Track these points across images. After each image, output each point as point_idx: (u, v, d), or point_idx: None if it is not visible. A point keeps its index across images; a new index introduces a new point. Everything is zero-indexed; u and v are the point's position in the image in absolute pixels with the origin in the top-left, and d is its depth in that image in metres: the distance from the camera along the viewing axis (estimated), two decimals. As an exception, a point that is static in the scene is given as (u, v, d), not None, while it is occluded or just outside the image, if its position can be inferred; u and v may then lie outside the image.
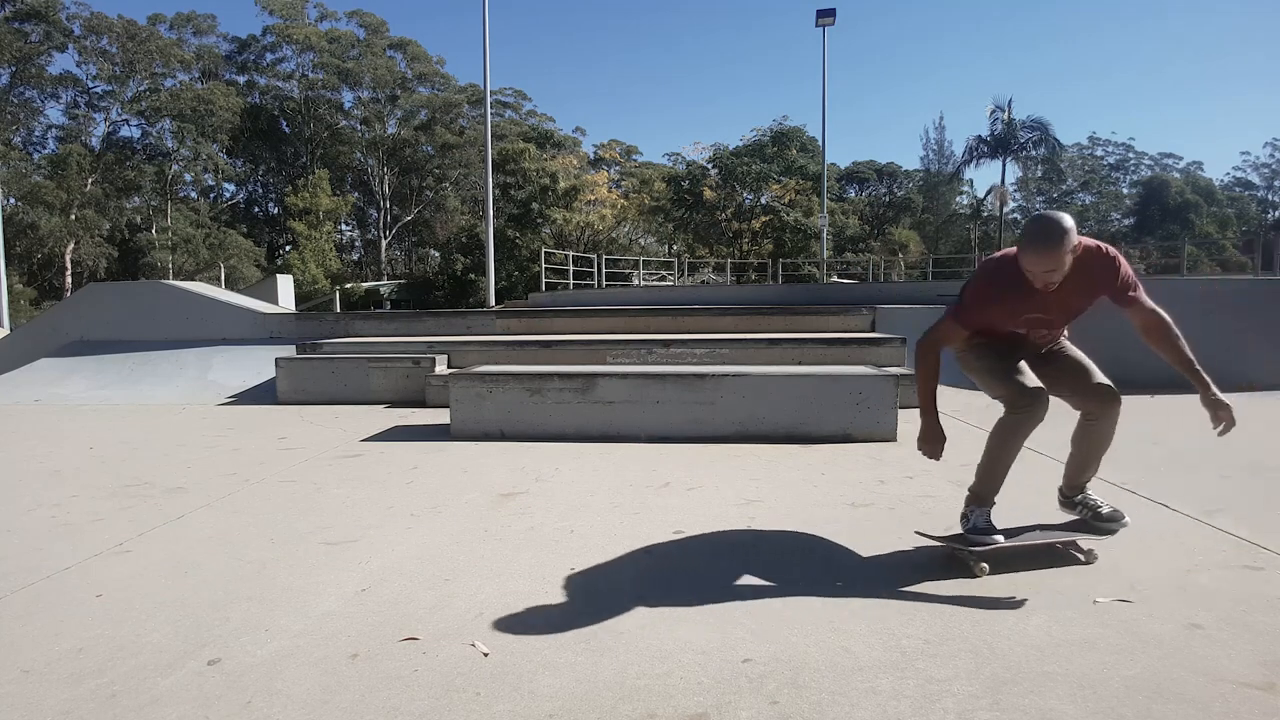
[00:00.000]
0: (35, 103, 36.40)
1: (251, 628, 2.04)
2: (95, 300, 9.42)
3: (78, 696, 1.71)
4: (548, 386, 4.74)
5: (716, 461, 3.99)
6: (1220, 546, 2.53)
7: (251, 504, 3.32)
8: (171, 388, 7.38)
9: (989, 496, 2.46)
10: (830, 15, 23.71)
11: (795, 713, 1.57)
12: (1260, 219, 50.97)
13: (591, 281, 19.66)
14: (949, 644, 1.86)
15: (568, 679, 1.73)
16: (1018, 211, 48.23)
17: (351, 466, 4.10)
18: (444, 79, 44.37)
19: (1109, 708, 1.56)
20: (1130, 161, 53.28)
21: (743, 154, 30.99)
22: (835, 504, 3.15)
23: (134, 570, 2.51)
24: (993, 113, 36.62)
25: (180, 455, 4.49)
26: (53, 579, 2.44)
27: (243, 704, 1.66)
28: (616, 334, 7.70)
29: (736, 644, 1.88)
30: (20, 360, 8.53)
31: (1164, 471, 3.61)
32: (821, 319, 8.26)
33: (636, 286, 19.64)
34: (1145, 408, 5.66)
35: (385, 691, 1.69)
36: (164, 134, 38.52)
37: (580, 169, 35.37)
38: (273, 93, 42.76)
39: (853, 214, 42.01)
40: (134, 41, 36.65)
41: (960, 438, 4.59)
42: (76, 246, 34.03)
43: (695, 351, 6.67)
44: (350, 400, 6.48)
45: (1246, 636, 1.87)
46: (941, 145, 45.40)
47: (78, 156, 33.95)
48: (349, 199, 40.66)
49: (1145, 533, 2.68)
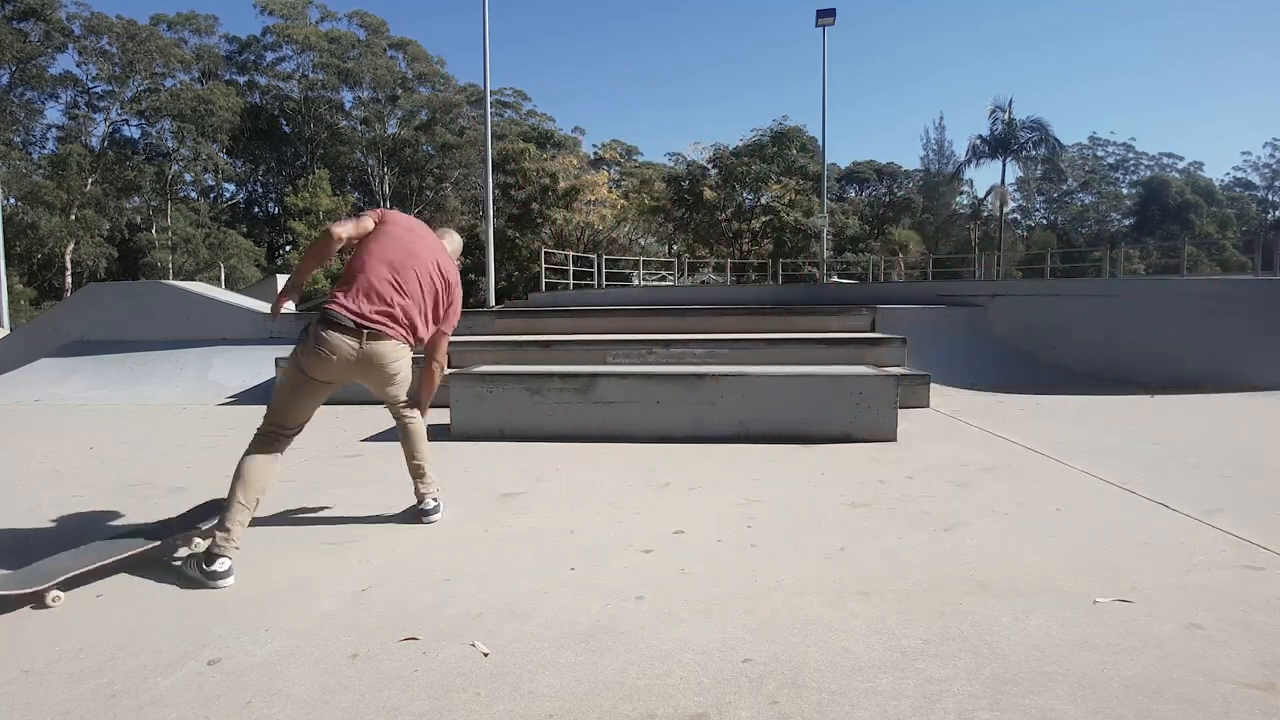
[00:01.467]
0: (35, 103, 36.41)
1: (251, 628, 2.04)
2: (95, 300, 9.41)
3: (78, 696, 1.71)
4: (548, 386, 4.74)
5: (716, 461, 3.99)
6: (1220, 546, 2.53)
7: (251, 504, 3.32)
8: (171, 388, 7.38)
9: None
10: (830, 15, 23.70)
11: (795, 713, 1.57)
12: (1260, 219, 50.97)
13: (591, 281, 19.66)
14: (949, 644, 1.86)
15: (568, 679, 1.73)
16: (1018, 211, 48.29)
17: (351, 466, 4.10)
18: (444, 79, 44.39)
19: (1109, 708, 1.56)
20: (1130, 161, 53.32)
21: (743, 154, 30.96)
22: (835, 504, 3.15)
23: (134, 570, 2.51)
24: (993, 112, 36.68)
25: (180, 455, 4.49)
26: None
27: (243, 704, 1.66)
28: (616, 334, 7.70)
29: (736, 644, 1.88)
30: (20, 360, 8.52)
31: (1164, 471, 3.61)
32: (821, 319, 8.26)
33: (636, 286, 19.65)
34: (1145, 408, 5.66)
35: (385, 691, 1.69)
36: (164, 134, 38.56)
37: (580, 169, 35.31)
38: (273, 93, 42.77)
39: (853, 214, 41.99)
40: (134, 41, 36.66)
41: (960, 437, 4.60)
42: (76, 246, 34.03)
43: (695, 351, 6.68)
44: (350, 400, 6.41)
45: (1246, 636, 1.86)
46: (941, 145, 45.42)
47: (78, 156, 33.96)
48: (349, 199, 40.64)
49: (1145, 533, 2.68)
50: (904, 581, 2.27)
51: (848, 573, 2.36)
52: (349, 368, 2.65)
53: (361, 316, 2.63)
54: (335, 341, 2.59)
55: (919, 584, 2.25)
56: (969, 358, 7.51)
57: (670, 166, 35.53)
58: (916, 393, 5.73)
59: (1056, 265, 26.74)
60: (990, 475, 3.60)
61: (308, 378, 2.62)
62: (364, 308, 2.64)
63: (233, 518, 2.43)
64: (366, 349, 2.63)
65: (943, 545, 2.60)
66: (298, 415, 2.65)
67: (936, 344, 7.47)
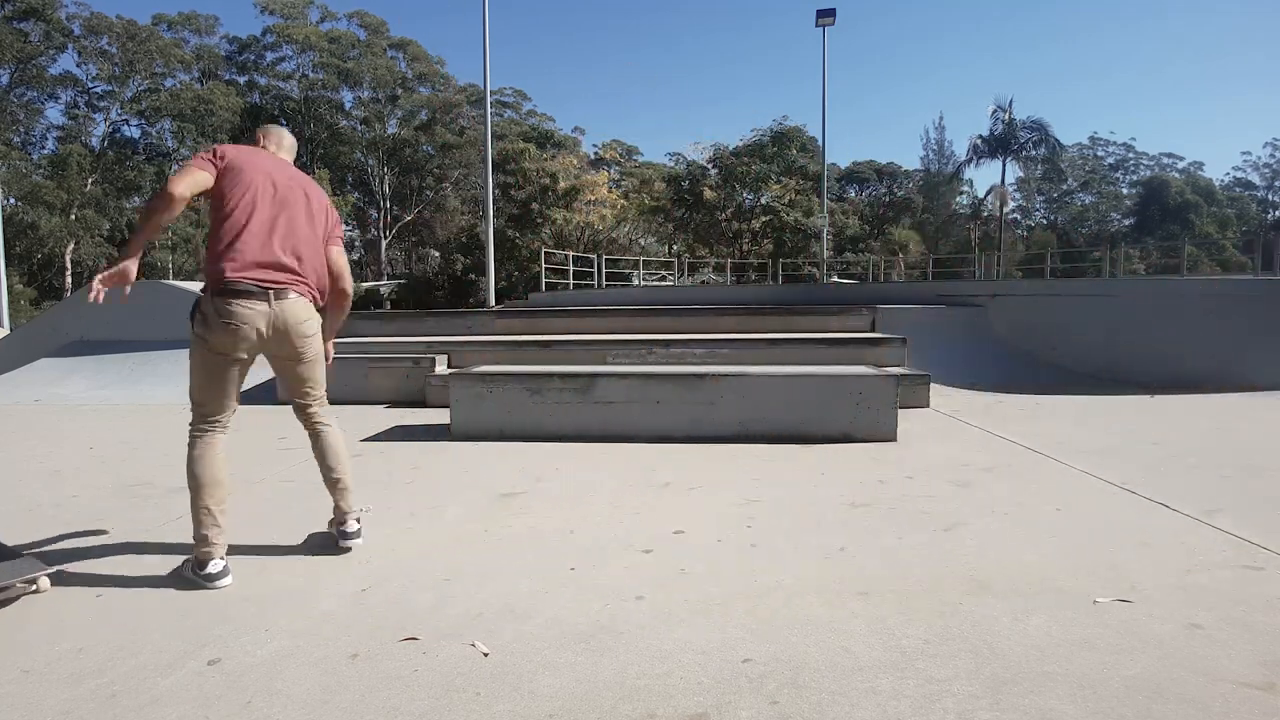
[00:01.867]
0: (35, 103, 36.40)
1: (251, 628, 2.04)
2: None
3: (78, 696, 1.71)
4: (548, 386, 4.74)
5: (716, 461, 3.99)
6: (1220, 546, 2.53)
7: (251, 504, 3.32)
8: (171, 388, 7.36)
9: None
10: (830, 15, 23.72)
11: (795, 713, 1.57)
12: (1260, 219, 50.99)
13: (591, 281, 19.67)
14: (949, 644, 1.86)
15: (568, 679, 1.73)
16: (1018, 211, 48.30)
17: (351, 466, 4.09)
18: (444, 79, 44.39)
19: (1109, 708, 1.56)
20: (1130, 161, 53.33)
21: (743, 154, 30.94)
22: (835, 504, 3.15)
23: (134, 570, 2.51)
24: (994, 112, 36.68)
25: (180, 455, 4.47)
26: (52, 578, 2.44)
27: (243, 704, 1.66)
28: (616, 334, 7.70)
29: (736, 644, 1.88)
30: (20, 360, 8.52)
31: (1164, 471, 3.61)
32: (821, 319, 8.26)
33: (636, 286, 19.65)
34: (1145, 408, 5.66)
35: (385, 691, 1.69)
36: (164, 134, 38.54)
37: (580, 169, 35.30)
38: (273, 93, 42.74)
39: (853, 214, 41.99)
40: (134, 41, 36.65)
41: (960, 437, 4.60)
42: (76, 246, 34.02)
43: (695, 351, 6.68)
44: (350, 400, 6.47)
45: (1246, 636, 1.86)
46: (941, 145, 45.45)
47: (78, 156, 33.95)
48: (349, 199, 40.64)
49: (1145, 533, 2.68)
50: (904, 581, 2.27)
51: (848, 573, 2.36)
52: (261, 340, 2.45)
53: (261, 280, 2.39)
54: (240, 309, 2.36)
55: (919, 584, 2.25)
56: (969, 358, 7.51)
57: (670, 166, 35.52)
58: (916, 393, 5.73)
59: (1056, 265, 26.75)
60: (990, 475, 3.60)
61: (216, 355, 2.44)
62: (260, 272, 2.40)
63: (204, 527, 2.37)
64: (276, 310, 2.42)
65: (943, 545, 2.60)
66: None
67: (936, 344, 7.47)
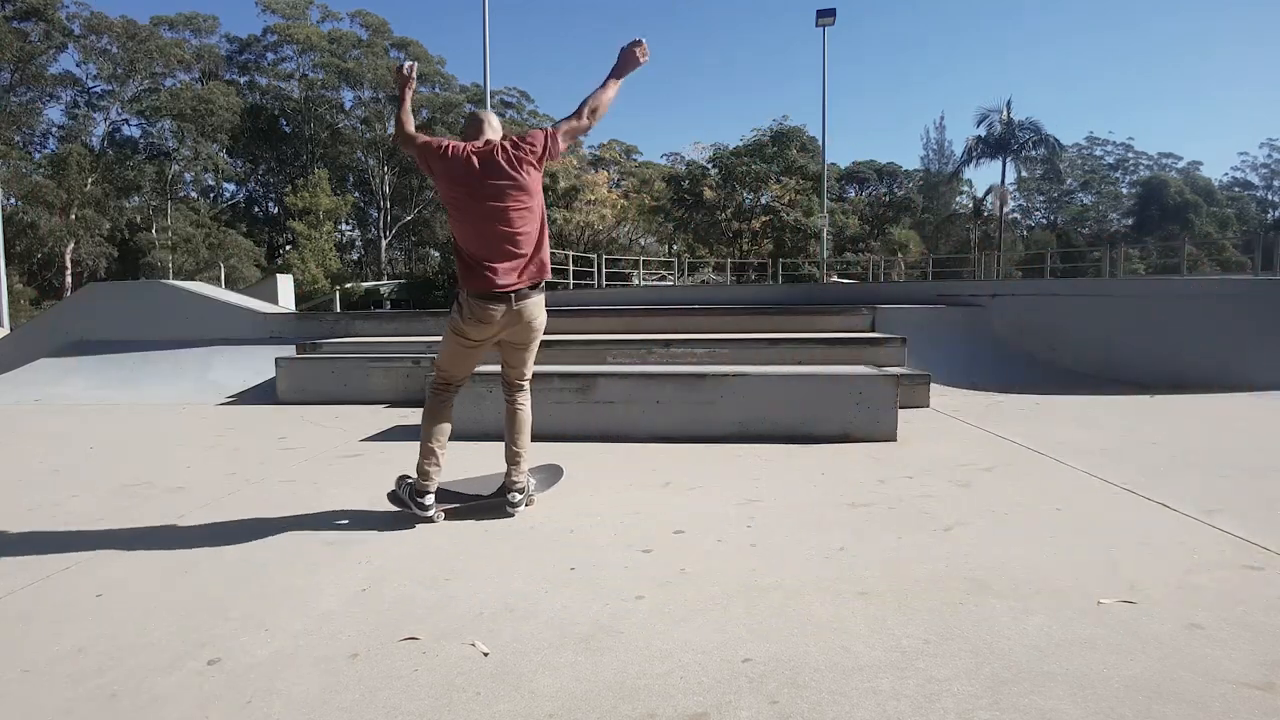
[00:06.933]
0: (35, 103, 36.39)
1: (251, 627, 2.04)
2: (95, 300, 9.41)
3: (78, 696, 1.71)
4: (547, 386, 4.73)
5: (716, 461, 3.99)
6: (1220, 546, 2.53)
7: (252, 504, 3.32)
8: (171, 388, 7.37)
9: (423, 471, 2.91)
10: (830, 15, 23.75)
11: (795, 712, 1.57)
12: (1260, 219, 51.00)
13: (591, 281, 19.67)
14: (949, 644, 1.86)
15: (568, 679, 1.73)
16: (1017, 211, 48.31)
17: (351, 466, 4.10)
18: (445, 79, 44.39)
19: (1109, 708, 1.56)
20: (1130, 161, 53.34)
21: (743, 154, 30.97)
22: (835, 504, 3.15)
23: (134, 570, 2.51)
24: (985, 117, 36.67)
25: (180, 455, 4.49)
26: (53, 579, 2.44)
27: (243, 704, 1.66)
28: (616, 334, 7.69)
29: (736, 644, 1.88)
30: (20, 360, 8.52)
31: (1164, 471, 3.61)
32: (821, 319, 8.25)
33: (636, 286, 19.64)
34: (1145, 408, 5.66)
35: (385, 691, 1.69)
36: (164, 134, 38.54)
37: (580, 169, 35.33)
38: (273, 93, 42.77)
39: (853, 214, 41.99)
40: (134, 41, 36.66)
41: (960, 437, 4.60)
42: (76, 246, 34.02)
43: (695, 351, 6.67)
44: (350, 400, 6.47)
45: (1246, 636, 1.87)
46: (941, 145, 45.51)
47: (78, 156, 33.94)
48: (349, 199, 40.66)
49: (1145, 533, 2.68)
50: (904, 581, 2.27)
51: (848, 572, 2.36)
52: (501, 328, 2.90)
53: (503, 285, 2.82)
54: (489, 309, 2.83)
55: (919, 584, 2.25)
56: (969, 358, 7.50)
57: (670, 166, 35.53)
58: (916, 392, 5.73)
59: (1056, 265, 26.77)
60: (990, 475, 3.60)
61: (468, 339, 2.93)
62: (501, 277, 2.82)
63: (428, 463, 2.90)
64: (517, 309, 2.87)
65: (943, 545, 2.60)
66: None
67: (936, 344, 7.46)
